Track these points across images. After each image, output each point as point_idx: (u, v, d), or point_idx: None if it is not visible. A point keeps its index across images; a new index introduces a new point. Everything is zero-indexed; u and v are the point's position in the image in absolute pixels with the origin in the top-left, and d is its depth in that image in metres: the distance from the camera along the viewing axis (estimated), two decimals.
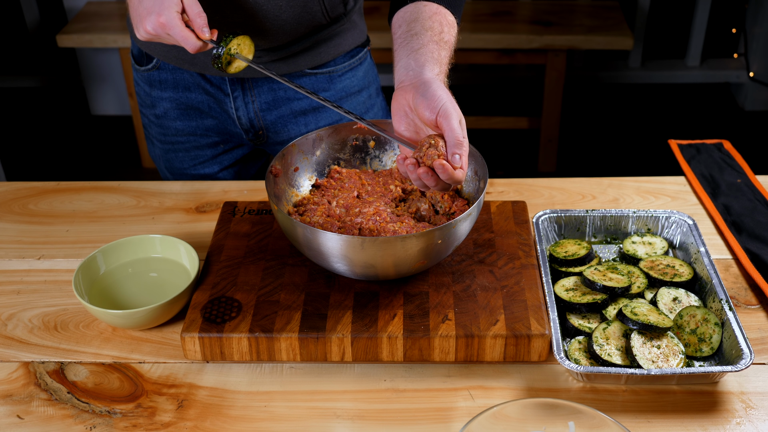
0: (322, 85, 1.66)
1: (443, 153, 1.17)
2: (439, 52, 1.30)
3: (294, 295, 1.28)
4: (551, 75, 3.58)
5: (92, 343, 1.28)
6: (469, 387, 1.20)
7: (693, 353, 1.22)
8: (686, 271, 1.35)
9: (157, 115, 1.71)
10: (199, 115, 1.68)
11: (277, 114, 1.67)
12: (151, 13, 1.26)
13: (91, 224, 1.56)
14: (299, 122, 1.68)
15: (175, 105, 1.68)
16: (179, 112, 1.68)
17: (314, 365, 1.24)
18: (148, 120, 1.74)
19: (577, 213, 1.46)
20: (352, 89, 1.71)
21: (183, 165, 1.75)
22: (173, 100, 1.67)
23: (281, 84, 1.62)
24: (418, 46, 1.29)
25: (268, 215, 1.46)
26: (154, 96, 1.68)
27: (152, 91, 1.68)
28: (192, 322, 1.23)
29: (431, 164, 1.16)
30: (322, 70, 1.65)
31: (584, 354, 1.22)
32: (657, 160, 3.75)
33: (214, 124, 1.69)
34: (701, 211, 1.57)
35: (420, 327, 1.22)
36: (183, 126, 1.70)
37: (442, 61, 1.29)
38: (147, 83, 1.69)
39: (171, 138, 1.73)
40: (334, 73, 1.67)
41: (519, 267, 1.33)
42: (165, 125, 1.71)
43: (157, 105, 1.69)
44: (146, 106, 1.72)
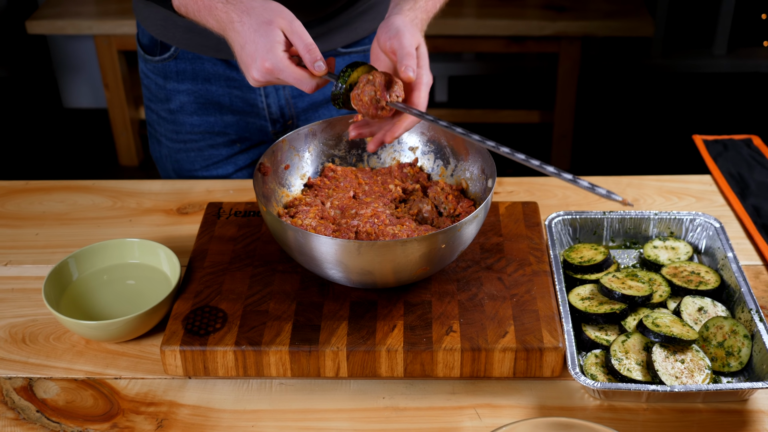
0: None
1: (381, 88, 1.20)
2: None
3: (284, 305, 1.28)
4: (565, 64, 3.58)
5: (64, 357, 1.28)
6: (476, 405, 1.20)
7: (720, 368, 1.22)
8: (712, 278, 1.35)
9: (171, 110, 1.70)
10: (219, 110, 1.68)
11: (310, 100, 1.67)
12: (255, 59, 1.21)
13: (63, 227, 1.56)
14: (331, 108, 1.69)
15: (193, 98, 1.67)
16: (197, 107, 1.68)
17: (306, 381, 1.24)
18: (158, 116, 1.73)
19: (593, 215, 1.46)
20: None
21: (194, 166, 1.75)
22: (191, 92, 1.66)
23: None
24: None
25: (256, 217, 1.46)
26: (169, 89, 1.67)
27: (167, 83, 1.67)
28: (173, 334, 1.23)
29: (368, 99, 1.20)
30: (356, 48, 1.65)
31: (601, 369, 1.22)
32: (680, 158, 3.76)
33: (234, 121, 1.68)
34: (729, 212, 1.57)
35: (422, 339, 1.22)
36: (199, 122, 1.69)
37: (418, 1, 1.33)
38: (161, 75, 1.68)
39: (184, 136, 1.72)
40: (369, 51, 1.66)
41: (530, 274, 1.33)
42: (179, 121, 1.70)
43: (172, 99, 1.68)
44: (157, 101, 1.71)
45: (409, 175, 1.44)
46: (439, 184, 1.40)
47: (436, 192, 1.39)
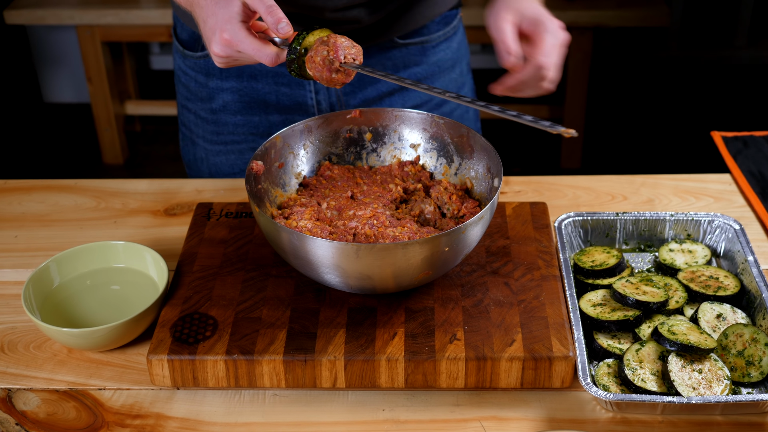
0: (414, 58, 1.66)
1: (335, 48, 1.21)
2: None
3: (278, 312, 1.28)
4: (575, 57, 3.58)
5: (45, 367, 1.28)
6: (481, 417, 1.20)
7: (740, 378, 1.22)
8: (732, 283, 1.35)
9: (213, 110, 1.68)
10: (264, 109, 1.67)
11: (362, 96, 1.66)
12: (214, 32, 1.22)
13: (44, 229, 1.56)
14: (384, 104, 1.68)
15: (238, 97, 1.66)
16: (241, 105, 1.67)
17: (302, 392, 1.24)
18: (196, 116, 1.72)
19: (605, 216, 1.46)
20: (446, 63, 1.70)
21: (233, 170, 1.74)
22: (236, 91, 1.65)
23: (367, 60, 1.62)
24: None
25: (248, 218, 1.47)
26: (211, 87, 1.66)
27: (209, 81, 1.66)
28: (160, 342, 1.23)
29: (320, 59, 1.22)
30: (414, 39, 1.65)
31: (614, 379, 1.22)
32: (698, 155, 3.76)
33: (280, 120, 1.68)
34: (749, 213, 1.57)
35: (424, 348, 1.22)
36: (243, 122, 1.68)
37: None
38: (202, 72, 1.66)
39: (225, 137, 1.71)
40: (428, 43, 1.66)
41: (539, 279, 1.33)
42: (221, 121, 1.69)
43: (215, 97, 1.67)
44: (197, 100, 1.70)
45: (410, 174, 1.44)
46: (442, 184, 1.41)
47: (439, 192, 1.39)
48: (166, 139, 4.11)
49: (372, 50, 1.62)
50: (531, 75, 1.30)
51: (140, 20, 3.53)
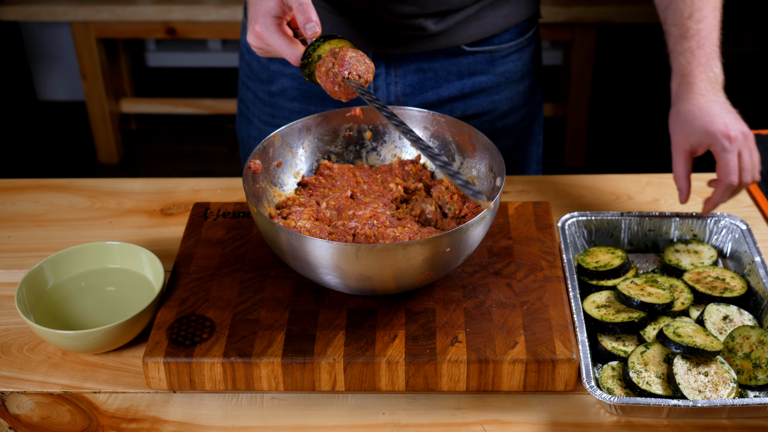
0: (480, 67, 1.64)
1: (341, 62, 1.22)
2: (682, 53, 1.39)
3: (276, 313, 1.28)
4: (579, 53, 3.58)
5: (38, 370, 1.28)
6: (483, 421, 1.20)
7: (747, 381, 1.22)
8: (739, 284, 1.35)
9: (272, 93, 1.70)
10: (321, 102, 1.68)
11: (422, 99, 1.66)
12: (251, 21, 1.28)
13: (38, 229, 1.56)
14: (444, 110, 1.66)
15: (297, 84, 1.67)
16: (299, 93, 1.68)
17: (300, 396, 1.24)
18: (254, 96, 1.74)
19: (610, 216, 1.46)
20: (514, 76, 1.69)
21: None
22: (296, 77, 1.67)
23: (431, 64, 1.61)
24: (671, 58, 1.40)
25: (246, 218, 1.47)
26: (273, 70, 1.68)
27: (271, 64, 1.68)
28: (156, 344, 1.23)
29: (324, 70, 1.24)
30: (483, 48, 1.63)
31: (618, 382, 1.22)
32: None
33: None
34: (756, 213, 1.57)
35: (425, 350, 1.22)
36: (299, 108, 1.69)
37: (682, 67, 1.39)
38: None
39: (280, 121, 1.72)
40: (497, 53, 1.65)
41: (542, 280, 1.33)
42: (278, 105, 1.71)
43: (275, 81, 1.69)
44: (257, 80, 1.72)
45: (411, 173, 1.44)
46: (443, 183, 1.41)
47: (440, 191, 1.39)
48: (162, 137, 4.11)
49: (438, 55, 1.61)
50: (724, 194, 1.37)
51: (136, 16, 3.53)
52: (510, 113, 1.70)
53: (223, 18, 3.52)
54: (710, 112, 1.34)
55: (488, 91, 1.66)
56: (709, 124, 1.33)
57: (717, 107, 1.35)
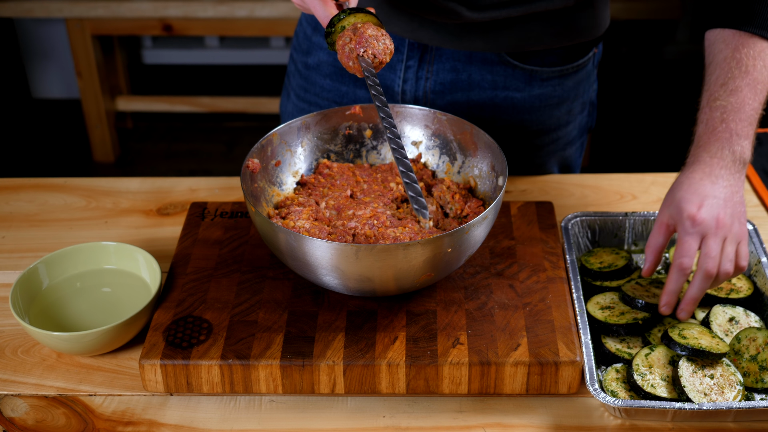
0: (516, 83, 1.59)
1: (358, 40, 1.22)
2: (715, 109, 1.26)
3: (275, 315, 1.28)
4: None
5: (33, 372, 1.28)
6: (485, 424, 1.20)
7: (753, 384, 1.22)
8: (745, 285, 1.35)
9: (308, 65, 1.70)
10: (353, 82, 1.66)
11: (450, 99, 1.61)
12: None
13: (32, 229, 1.56)
14: (472, 115, 1.61)
15: (333, 59, 1.66)
16: (333, 69, 1.67)
17: (299, 398, 1.24)
18: (295, 67, 1.74)
19: (614, 216, 1.46)
20: (551, 100, 1.62)
21: None
22: (333, 54, 1.66)
23: (467, 66, 1.57)
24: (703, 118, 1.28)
25: (244, 218, 1.47)
26: (313, 42, 1.68)
27: (314, 35, 1.68)
28: (153, 346, 1.24)
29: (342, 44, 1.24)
30: (523, 65, 1.57)
31: (623, 385, 1.22)
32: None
33: (366, 98, 1.66)
34: (763, 213, 1.57)
35: (426, 353, 1.22)
36: (331, 87, 1.68)
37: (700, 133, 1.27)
38: (311, 25, 1.68)
39: (311, 97, 1.71)
40: (537, 74, 1.59)
41: (544, 281, 1.33)
42: (312, 79, 1.70)
43: (313, 53, 1.69)
44: (300, 51, 1.72)
45: None
46: (444, 183, 1.41)
47: (442, 191, 1.39)
48: (158, 136, 4.11)
49: (476, 59, 1.56)
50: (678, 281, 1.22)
51: (132, 13, 3.53)
52: (538, 135, 1.65)
53: (221, 15, 3.52)
54: (697, 190, 1.22)
55: (519, 109, 1.61)
56: (684, 200, 1.21)
57: (710, 187, 1.22)
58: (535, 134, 1.64)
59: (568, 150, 1.72)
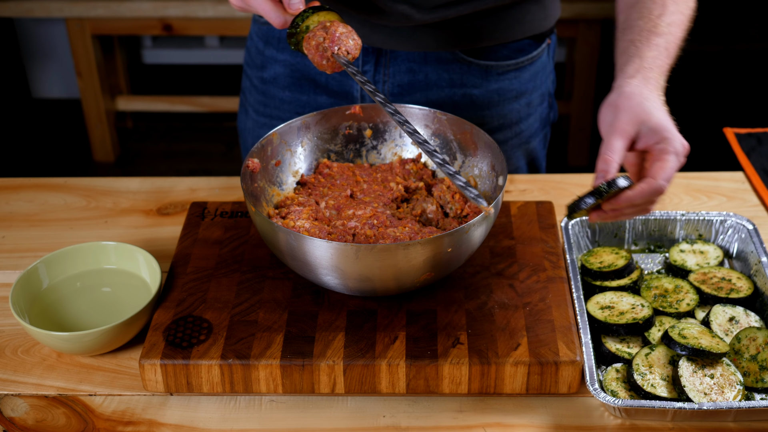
0: (473, 80, 1.61)
1: (331, 38, 1.23)
2: (647, 44, 1.30)
3: (275, 314, 1.28)
4: (583, 50, 3.58)
5: (33, 372, 1.28)
6: (485, 424, 1.20)
7: (753, 384, 1.22)
8: (745, 285, 1.35)
9: (264, 79, 1.70)
10: (313, 89, 1.67)
11: (410, 100, 1.63)
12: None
13: (32, 229, 1.56)
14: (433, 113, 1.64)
15: (289, 71, 1.67)
16: (291, 81, 1.68)
17: (299, 398, 1.24)
18: (251, 83, 1.75)
19: None
20: (509, 94, 1.64)
21: None
22: (288, 65, 1.67)
23: (423, 66, 1.59)
24: (625, 44, 1.31)
25: (244, 218, 1.47)
26: (266, 56, 1.68)
27: (266, 49, 1.68)
28: (153, 346, 1.24)
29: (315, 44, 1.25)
30: (478, 61, 1.59)
31: (623, 385, 1.22)
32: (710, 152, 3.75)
33: (328, 103, 1.67)
34: (763, 213, 1.57)
35: (426, 352, 1.22)
36: (290, 98, 1.69)
37: (645, 54, 1.29)
38: (262, 39, 1.69)
39: (271, 111, 1.72)
40: (492, 69, 1.61)
41: (544, 280, 1.33)
42: (269, 93, 1.71)
43: (267, 67, 1.69)
44: (254, 67, 1.73)
45: (411, 172, 1.44)
46: (444, 182, 1.41)
47: (442, 191, 1.39)
48: (158, 135, 4.11)
49: (431, 59, 1.58)
50: (645, 198, 1.16)
51: (132, 13, 3.53)
52: (500, 129, 1.66)
53: (221, 14, 3.52)
54: (668, 118, 1.23)
55: (479, 105, 1.63)
56: (669, 126, 1.20)
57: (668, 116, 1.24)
58: (497, 129, 1.65)
59: (531, 143, 1.73)
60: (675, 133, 1.19)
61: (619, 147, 1.17)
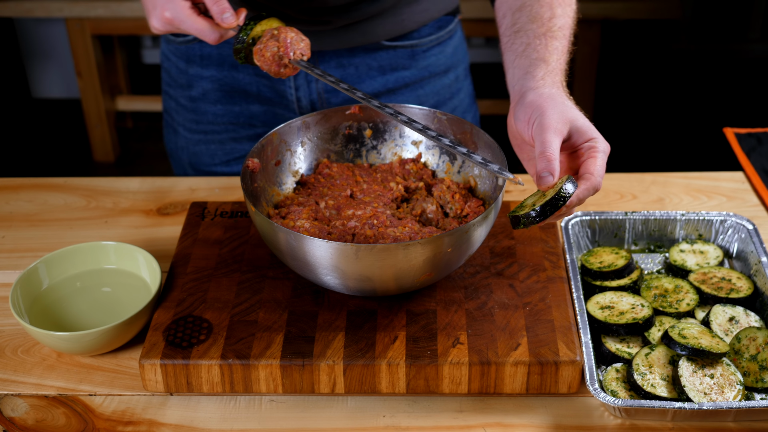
0: (403, 61, 1.66)
1: (285, 45, 1.24)
2: (546, 47, 1.29)
3: (275, 314, 1.28)
4: (583, 51, 3.58)
5: (33, 372, 1.28)
6: (485, 424, 1.20)
7: (753, 384, 1.22)
8: (745, 285, 1.35)
9: (193, 98, 1.70)
10: (245, 99, 1.68)
11: (345, 96, 1.66)
12: (155, 6, 1.27)
13: (32, 229, 1.56)
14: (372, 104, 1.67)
15: (218, 86, 1.67)
16: (221, 95, 1.68)
17: (299, 398, 1.24)
18: (177, 103, 1.74)
19: (614, 216, 1.46)
20: (438, 68, 1.70)
21: (213, 160, 1.75)
22: (216, 80, 1.67)
23: (351, 59, 1.62)
24: (521, 47, 1.30)
25: (244, 218, 1.47)
26: (191, 74, 1.68)
27: (189, 68, 1.68)
28: (153, 346, 1.24)
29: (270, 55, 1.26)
30: (403, 42, 1.64)
31: (623, 385, 1.22)
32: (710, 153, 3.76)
33: (261, 111, 1.69)
34: (763, 213, 1.57)
35: (426, 352, 1.22)
36: (223, 111, 1.70)
37: (549, 58, 1.28)
38: (183, 59, 1.69)
39: (205, 126, 1.72)
40: (418, 47, 1.66)
41: (545, 280, 1.33)
42: (201, 110, 1.71)
43: (195, 85, 1.69)
44: (178, 87, 1.72)
45: (411, 172, 1.44)
46: (444, 182, 1.41)
47: (442, 191, 1.39)
48: (158, 135, 4.10)
49: (357, 51, 1.62)
50: (588, 195, 1.18)
51: (132, 12, 3.53)
52: (436, 107, 1.70)
53: None
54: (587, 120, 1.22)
55: (412, 86, 1.68)
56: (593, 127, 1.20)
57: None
58: (434, 107, 1.68)
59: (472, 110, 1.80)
60: (599, 134, 1.20)
61: (557, 145, 1.16)
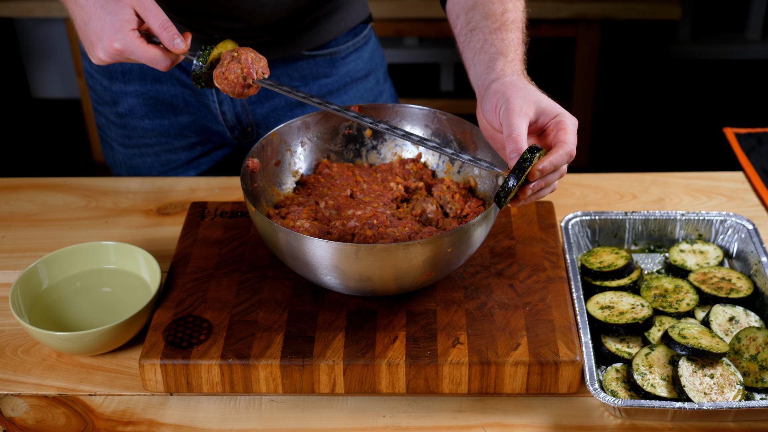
0: (324, 69, 1.67)
1: (247, 66, 1.24)
2: (503, 41, 1.31)
3: (275, 314, 1.28)
4: (583, 50, 3.58)
5: (33, 372, 1.28)
6: (485, 424, 1.20)
7: (753, 384, 1.22)
8: (745, 285, 1.35)
9: (120, 114, 1.69)
10: (173, 112, 1.68)
11: (270, 107, 1.67)
12: (101, 38, 1.23)
13: (32, 229, 1.56)
14: (296, 115, 1.68)
15: (143, 101, 1.67)
16: (148, 109, 1.68)
17: (299, 398, 1.24)
18: (107, 120, 1.73)
19: (614, 216, 1.46)
20: (358, 74, 1.72)
21: (152, 172, 1.76)
22: (140, 94, 1.66)
23: (273, 71, 1.63)
24: (479, 44, 1.31)
25: (244, 218, 1.47)
26: (115, 91, 1.67)
27: (113, 84, 1.67)
28: (153, 346, 1.24)
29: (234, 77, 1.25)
30: (322, 51, 1.66)
31: (623, 385, 1.22)
32: (710, 153, 3.76)
33: (191, 121, 1.69)
34: (763, 213, 1.57)
35: (426, 352, 1.22)
36: (152, 125, 1.69)
37: (506, 50, 1.29)
38: (105, 75, 1.67)
39: (137, 141, 1.72)
40: (337, 54, 1.68)
41: (544, 280, 1.33)
42: (130, 125, 1.70)
43: (120, 102, 1.68)
44: (104, 104, 1.71)
45: (411, 172, 1.44)
46: (444, 182, 1.41)
47: (442, 191, 1.39)
48: None
49: (277, 62, 1.62)
50: (563, 161, 1.19)
51: None
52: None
53: None
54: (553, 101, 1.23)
55: (336, 93, 1.70)
56: (559, 106, 1.21)
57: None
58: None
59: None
60: (565, 110, 1.21)
61: (524, 127, 1.17)
